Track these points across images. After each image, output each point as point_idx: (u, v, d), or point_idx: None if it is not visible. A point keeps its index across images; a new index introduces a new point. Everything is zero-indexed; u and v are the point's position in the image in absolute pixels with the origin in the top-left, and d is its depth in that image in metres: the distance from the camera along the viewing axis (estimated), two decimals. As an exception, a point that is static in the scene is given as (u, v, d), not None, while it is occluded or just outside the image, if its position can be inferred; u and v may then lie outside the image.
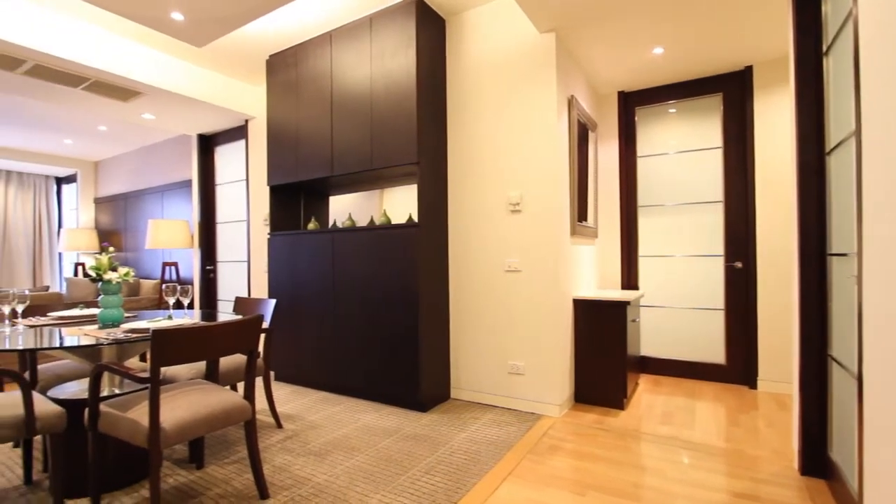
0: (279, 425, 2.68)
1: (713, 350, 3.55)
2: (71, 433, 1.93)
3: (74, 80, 3.59)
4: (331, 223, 3.88)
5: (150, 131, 5.76)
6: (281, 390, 3.42)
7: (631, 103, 3.83)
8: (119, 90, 3.81)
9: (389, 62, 3.00)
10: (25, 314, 2.49)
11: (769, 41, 3.02)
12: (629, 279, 3.82)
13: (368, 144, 3.10)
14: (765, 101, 3.31)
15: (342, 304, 3.23)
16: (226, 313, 2.67)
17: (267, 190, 4.44)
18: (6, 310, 2.06)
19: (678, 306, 3.68)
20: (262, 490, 1.90)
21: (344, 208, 3.82)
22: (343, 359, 3.23)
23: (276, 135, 3.68)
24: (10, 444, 2.47)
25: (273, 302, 2.68)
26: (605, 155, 3.90)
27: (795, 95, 2.09)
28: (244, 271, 4.91)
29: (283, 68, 3.63)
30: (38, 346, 1.70)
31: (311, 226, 3.58)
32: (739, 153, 3.44)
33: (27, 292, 2.11)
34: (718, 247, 3.53)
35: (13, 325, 2.14)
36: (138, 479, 2.05)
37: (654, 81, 3.67)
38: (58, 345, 1.72)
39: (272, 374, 3.74)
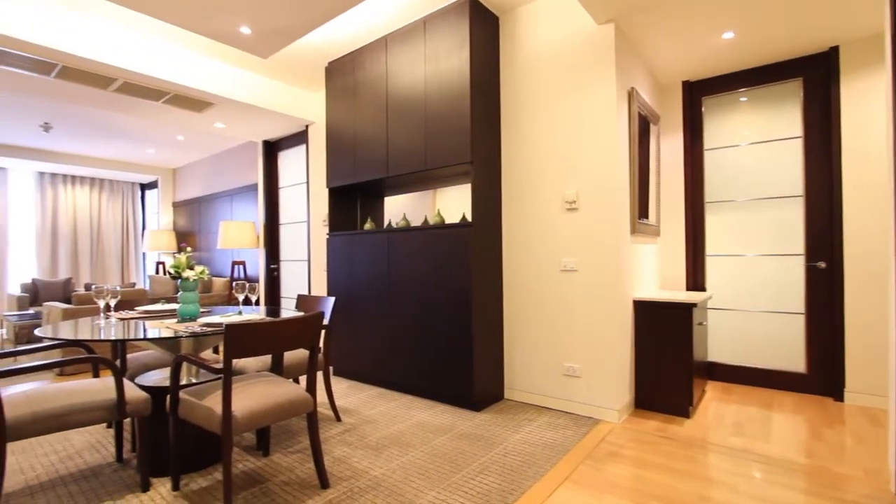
0: (338, 418, 2.78)
1: (791, 357, 3.27)
2: (155, 417, 2.11)
3: (156, 95, 3.92)
4: (386, 223, 3.97)
5: (221, 139, 6.18)
6: (339, 385, 3.55)
7: (697, 93, 3.61)
8: (194, 102, 4.12)
9: (443, 63, 3.02)
10: (116, 308, 2.76)
11: (859, 17, 2.73)
12: (695, 280, 3.61)
13: (422, 145, 3.14)
14: (853, 86, 3.00)
15: (397, 302, 3.29)
16: (288, 310, 2.81)
17: (326, 192, 4.62)
18: (102, 304, 2.29)
19: (750, 309, 3.43)
20: (323, 480, 1.98)
21: (398, 208, 3.90)
22: (398, 356, 3.29)
23: (334, 138, 3.81)
24: (104, 424, 2.74)
25: (332, 299, 2.78)
26: (668, 149, 3.71)
27: (893, 78, 1.88)
28: (305, 270, 5.14)
29: (340, 74, 3.76)
30: (128, 338, 1.87)
31: (367, 226, 3.68)
32: (823, 143, 3.14)
33: (118, 288, 2.33)
34: (797, 245, 3.24)
35: (107, 318, 2.38)
36: (212, 462, 2.21)
37: (723, 69, 3.44)
38: (143, 336, 1.89)
39: (331, 368, 3.89)
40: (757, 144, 3.41)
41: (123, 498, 1.90)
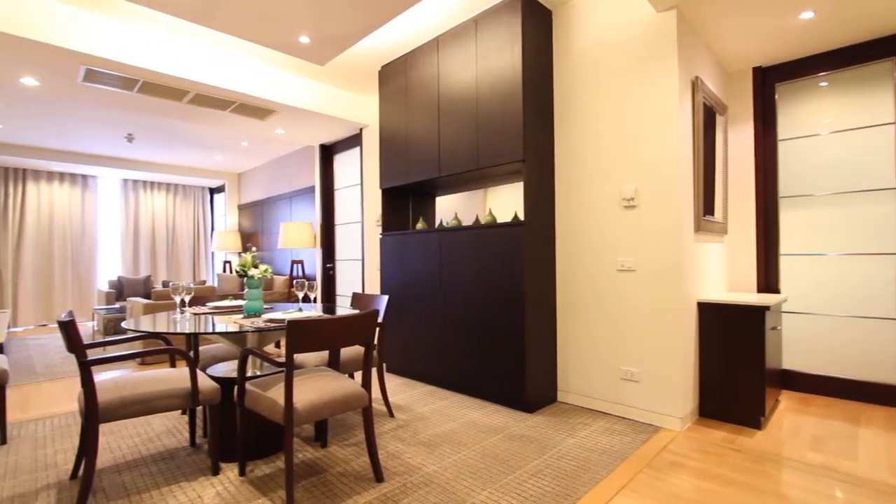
0: (391, 414, 2.84)
1: (884, 367, 2.95)
2: (223, 406, 2.25)
3: (224, 104, 4.18)
4: (437, 223, 4.01)
5: (281, 144, 6.50)
6: (392, 381, 3.62)
7: (770, 79, 3.35)
8: (258, 110, 4.36)
9: (494, 61, 3.00)
10: (190, 304, 2.97)
11: (967, -13, 2.42)
12: (767, 281, 3.35)
13: (474, 144, 3.13)
14: (959, 63, 2.66)
15: (449, 301, 3.31)
16: (343, 307, 2.90)
17: (379, 193, 4.73)
18: (178, 299, 2.48)
19: (832, 314, 3.13)
20: (378, 473, 2.02)
21: (450, 208, 3.92)
22: (450, 355, 3.31)
23: (387, 140, 3.90)
24: (180, 411, 2.96)
25: (386, 298, 2.84)
26: (736, 140, 3.47)
27: None
28: (359, 269, 5.29)
29: (393, 77, 3.83)
30: (201, 331, 2.01)
31: (419, 225, 3.73)
32: (921, 129, 2.81)
33: (192, 285, 2.51)
34: (889, 243, 2.93)
35: (182, 313, 2.57)
36: (274, 451, 2.33)
37: (800, 52, 3.16)
38: (213, 331, 2.02)
39: (384, 365, 3.98)
40: (840, 133, 3.11)
41: (196, 480, 2.04)
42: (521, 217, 3.25)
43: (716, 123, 3.15)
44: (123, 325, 2.24)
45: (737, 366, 2.65)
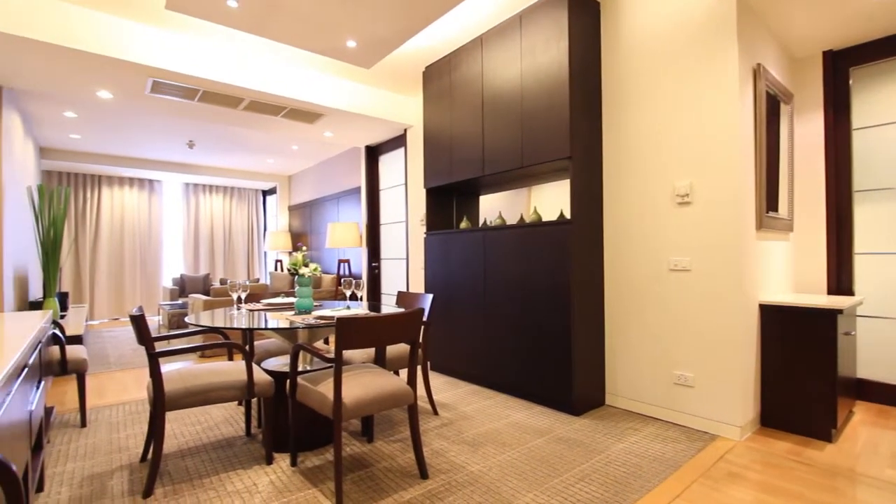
0: (435, 412, 2.86)
1: (977, 379, 2.65)
2: (276, 399, 2.35)
3: (276, 110, 4.36)
4: (481, 222, 4.00)
5: (329, 147, 6.70)
6: (436, 380, 3.64)
7: (842, 64, 3.09)
8: (307, 114, 4.51)
9: (540, 57, 2.95)
10: (246, 300, 3.12)
11: None
12: (839, 282, 3.10)
13: (519, 142, 3.10)
14: None
15: (493, 300, 3.29)
16: (388, 306, 2.95)
17: (423, 192, 4.77)
18: (235, 296, 2.61)
19: (917, 319, 2.85)
20: (423, 470, 2.04)
21: (494, 207, 3.89)
22: (494, 355, 3.29)
23: (431, 140, 3.93)
24: (236, 402, 3.12)
25: (430, 297, 2.86)
26: (803, 131, 3.23)
27: None
28: (403, 267, 5.37)
29: (437, 77, 3.85)
30: (257, 327, 2.10)
31: (463, 225, 3.74)
32: None
33: (248, 283, 2.63)
34: None
35: (239, 309, 2.70)
36: (323, 443, 2.40)
37: (878, 32, 2.90)
38: (266, 326, 2.11)
39: (428, 363, 4.01)
40: (926, 120, 2.82)
41: (252, 468, 2.14)
42: (568, 215, 3.18)
43: (780, 113, 2.95)
44: (187, 320, 2.39)
45: (804, 373, 2.47)
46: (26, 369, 1.41)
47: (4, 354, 1.19)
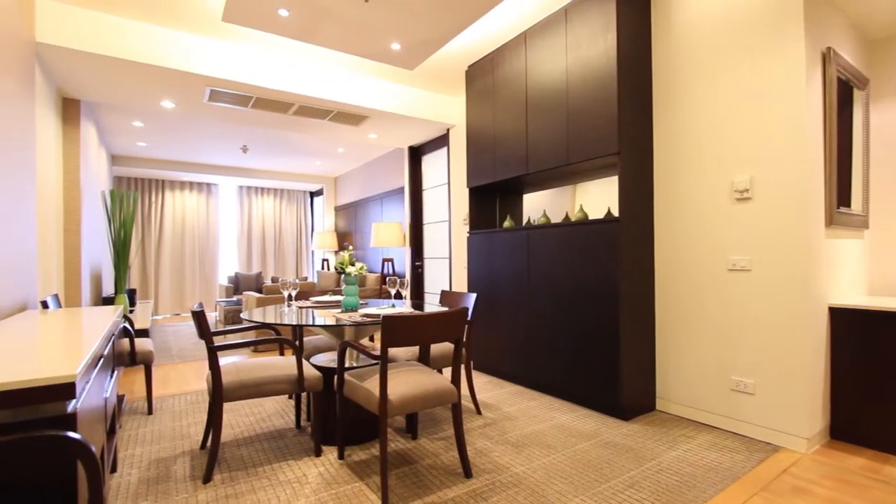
0: (478, 412, 2.85)
1: None
2: (324, 394, 2.42)
3: (323, 114, 4.50)
4: (525, 220, 3.95)
5: (373, 148, 6.84)
6: (478, 379, 3.63)
7: (926, 45, 2.81)
8: (353, 117, 4.63)
9: (586, 51, 2.87)
10: (296, 298, 3.24)
11: None
12: (922, 284, 2.81)
13: (564, 139, 3.03)
14: None
15: (537, 300, 3.24)
16: (432, 305, 2.97)
17: (466, 192, 4.78)
18: (286, 294, 2.72)
19: None
20: (466, 469, 2.04)
21: (537, 205, 3.84)
22: (538, 355, 3.24)
23: (474, 139, 3.92)
24: (286, 395, 3.25)
25: (474, 296, 2.86)
26: (881, 118, 2.96)
27: None
28: (446, 267, 5.40)
29: (480, 76, 3.84)
30: (307, 323, 2.18)
31: (506, 224, 3.70)
32: None
33: (297, 281, 2.73)
34: None
35: (289, 306, 2.81)
36: (369, 438, 2.45)
37: (971, 8, 2.61)
38: (313, 324, 2.18)
39: (471, 362, 4.01)
40: None
41: (301, 460, 2.22)
42: (615, 213, 3.09)
43: (853, 100, 2.72)
44: (242, 315, 2.51)
45: (882, 383, 2.27)
46: (102, 359, 1.53)
47: (84, 346, 1.30)
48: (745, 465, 2.14)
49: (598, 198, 3.29)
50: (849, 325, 2.38)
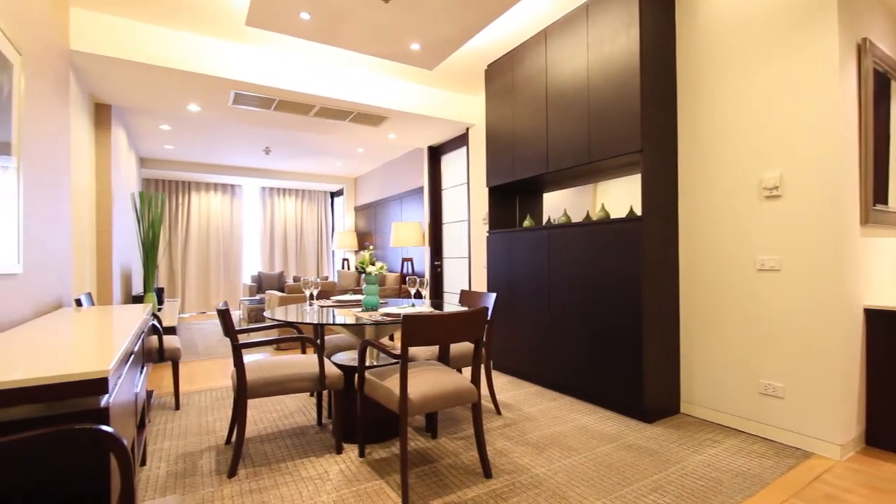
0: (498, 412, 2.84)
1: None
2: (345, 391, 2.45)
3: (343, 115, 4.55)
4: (545, 220, 3.91)
5: (393, 149, 6.88)
6: (498, 379, 3.62)
7: (970, 34, 2.67)
8: (372, 117, 4.66)
9: (608, 47, 2.83)
10: (317, 297, 3.29)
11: None
12: (966, 285, 2.68)
13: (585, 137, 3.00)
14: None
15: (558, 300, 3.21)
16: (451, 304, 2.97)
17: (485, 191, 4.76)
18: (308, 293, 2.76)
19: None
20: (486, 469, 2.04)
21: (557, 205, 3.80)
22: (558, 356, 3.21)
23: (494, 138, 3.90)
24: (308, 393, 3.30)
25: (493, 296, 2.85)
26: (918, 113, 2.83)
27: None
28: (465, 267, 5.39)
29: (499, 74, 3.82)
30: (328, 322, 2.20)
31: (526, 223, 3.68)
32: None
33: (319, 280, 2.77)
34: None
35: (311, 305, 2.85)
36: (389, 437, 2.47)
37: None
38: (335, 322, 2.20)
39: (491, 362, 4.00)
40: None
41: (323, 456, 2.25)
42: (638, 211, 3.03)
43: (891, 92, 2.61)
44: (265, 314, 2.56)
45: (921, 388, 2.17)
46: (132, 356, 1.58)
47: (115, 342, 1.34)
48: (775, 471, 2.07)
49: (620, 196, 3.24)
50: (886, 327, 2.28)
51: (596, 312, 2.91)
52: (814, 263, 2.25)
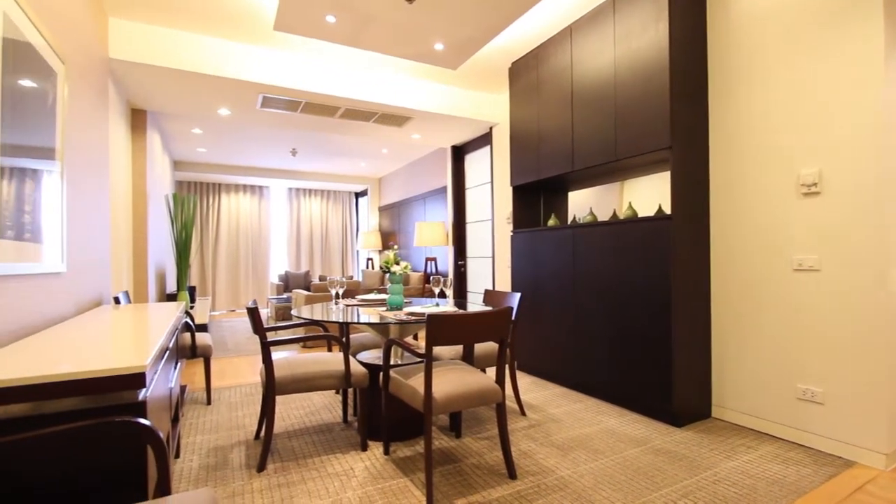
0: (522, 413, 2.82)
1: None
2: (371, 389, 2.48)
3: (368, 116, 4.59)
4: (570, 219, 3.86)
5: (416, 149, 6.91)
6: (522, 380, 3.59)
7: None
8: (397, 118, 4.69)
9: (636, 41, 2.77)
10: (343, 296, 3.33)
11: None
12: None
13: (612, 134, 2.94)
14: None
15: (583, 300, 3.17)
16: (474, 304, 2.96)
17: (509, 190, 4.73)
18: (334, 292, 2.80)
19: None
20: (511, 470, 2.02)
21: (583, 203, 3.74)
22: (583, 357, 3.16)
23: (518, 137, 3.87)
24: (333, 391, 3.35)
25: (518, 295, 2.83)
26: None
27: None
28: (489, 266, 5.37)
29: (524, 72, 3.79)
30: (354, 321, 2.23)
31: (550, 222, 3.64)
32: None
33: (344, 280, 2.81)
34: None
35: (337, 304, 2.89)
36: (414, 435, 2.48)
37: None
38: (359, 321, 2.23)
39: (515, 363, 3.97)
40: None
41: (348, 453, 2.28)
42: (667, 210, 2.96)
43: (940, 83, 2.46)
44: (293, 313, 2.61)
45: (976, 396, 2.04)
46: (167, 352, 1.64)
47: (152, 338, 1.39)
48: (814, 480, 1.99)
49: (648, 194, 3.17)
50: (936, 331, 2.15)
51: (623, 313, 2.85)
52: (857, 262, 2.14)
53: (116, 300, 2.79)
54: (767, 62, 2.48)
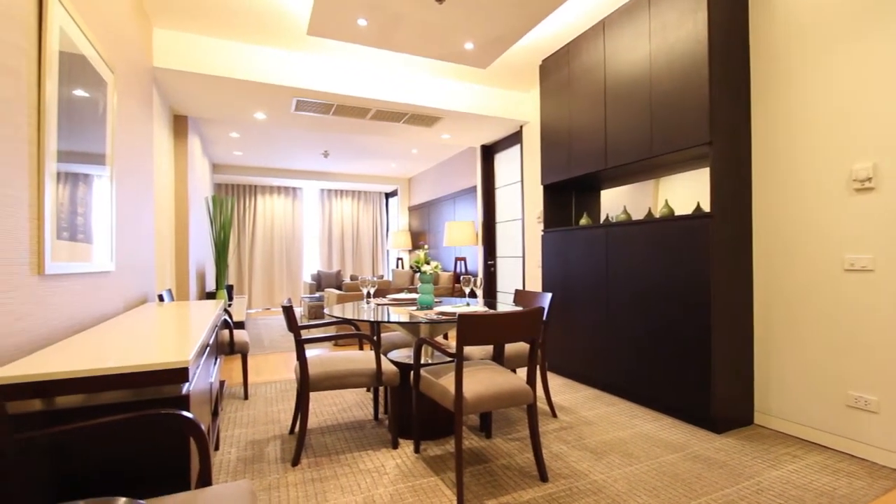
0: (554, 414, 2.78)
1: None
2: (401, 388, 2.50)
3: (398, 117, 4.63)
4: (602, 218, 3.78)
5: (446, 148, 6.93)
6: (553, 381, 3.54)
7: None
8: (426, 118, 4.72)
9: (672, 34, 2.68)
10: (374, 296, 3.37)
11: None
12: None
13: (647, 130, 2.86)
14: None
15: (616, 301, 3.09)
16: (504, 304, 2.94)
17: (540, 189, 4.68)
18: (365, 291, 2.84)
19: None
20: (542, 472, 2.00)
21: (616, 202, 3.65)
22: (617, 359, 3.09)
23: (549, 135, 3.82)
24: (364, 388, 3.39)
25: (549, 295, 2.79)
26: None
27: None
28: (519, 266, 5.32)
29: (555, 69, 3.74)
30: (385, 320, 2.26)
31: (582, 221, 3.57)
32: None
33: (375, 279, 2.84)
34: None
35: (368, 303, 2.93)
36: (444, 434, 2.49)
37: None
38: (390, 320, 2.25)
39: (546, 363, 3.92)
40: None
41: (380, 451, 2.31)
42: (706, 207, 2.85)
43: None
44: (325, 311, 2.66)
45: None
46: (208, 348, 1.70)
47: (193, 335, 1.45)
48: (867, 493, 1.87)
49: (684, 192, 3.06)
50: None
51: (658, 314, 2.77)
52: (915, 263, 2.00)
53: (160, 298, 2.92)
54: (814, 53, 2.35)
